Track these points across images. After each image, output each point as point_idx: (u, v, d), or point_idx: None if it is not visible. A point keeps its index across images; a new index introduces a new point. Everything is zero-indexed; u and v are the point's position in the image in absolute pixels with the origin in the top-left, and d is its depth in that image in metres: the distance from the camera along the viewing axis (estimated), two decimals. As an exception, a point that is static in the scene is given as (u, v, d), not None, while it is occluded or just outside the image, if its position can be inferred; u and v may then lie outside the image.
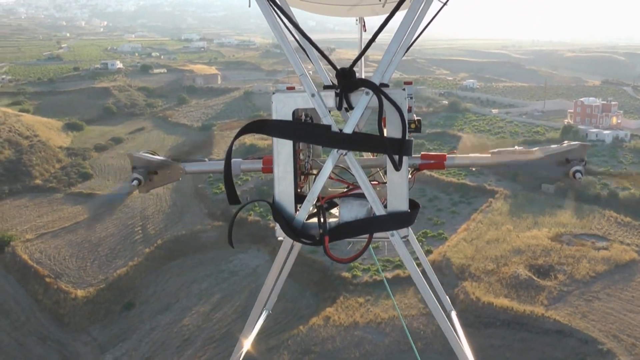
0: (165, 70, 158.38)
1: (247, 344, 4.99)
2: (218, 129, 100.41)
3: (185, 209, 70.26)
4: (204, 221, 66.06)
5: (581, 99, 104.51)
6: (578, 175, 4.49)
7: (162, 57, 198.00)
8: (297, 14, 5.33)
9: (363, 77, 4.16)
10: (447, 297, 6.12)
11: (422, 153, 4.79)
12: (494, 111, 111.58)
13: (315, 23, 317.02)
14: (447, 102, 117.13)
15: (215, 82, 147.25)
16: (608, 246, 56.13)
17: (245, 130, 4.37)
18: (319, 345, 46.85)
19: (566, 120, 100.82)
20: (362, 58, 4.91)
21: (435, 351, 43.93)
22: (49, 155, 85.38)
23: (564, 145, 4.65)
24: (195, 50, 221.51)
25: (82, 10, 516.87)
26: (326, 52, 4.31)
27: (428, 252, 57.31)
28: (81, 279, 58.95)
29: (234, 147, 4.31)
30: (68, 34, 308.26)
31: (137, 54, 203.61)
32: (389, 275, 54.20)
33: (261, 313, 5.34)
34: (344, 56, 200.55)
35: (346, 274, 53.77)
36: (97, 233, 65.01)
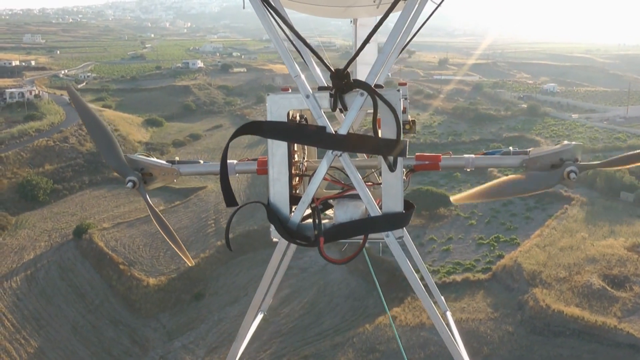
0: (245, 70, 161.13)
1: (243, 345, 5.06)
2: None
3: (258, 205, 70.84)
4: (276, 217, 66.31)
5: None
6: (572, 175, 4.43)
7: (242, 56, 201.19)
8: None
9: (357, 78, 4.17)
10: (442, 297, 6.15)
11: (417, 154, 4.81)
12: (574, 116, 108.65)
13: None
14: (525, 106, 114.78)
15: (294, 82, 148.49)
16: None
17: (240, 131, 4.45)
18: (384, 344, 46.51)
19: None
20: (356, 59, 4.92)
21: (501, 357, 43.21)
22: (128, 149, 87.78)
23: (558, 146, 4.59)
24: (275, 51, 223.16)
25: (166, 12, 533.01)
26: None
27: (499, 257, 56.31)
28: (153, 268, 60.54)
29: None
30: (152, 35, 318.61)
31: (218, 54, 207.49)
32: (459, 278, 53.53)
33: (256, 315, 5.45)
34: (424, 59, 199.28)
35: (415, 275, 53.08)
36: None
